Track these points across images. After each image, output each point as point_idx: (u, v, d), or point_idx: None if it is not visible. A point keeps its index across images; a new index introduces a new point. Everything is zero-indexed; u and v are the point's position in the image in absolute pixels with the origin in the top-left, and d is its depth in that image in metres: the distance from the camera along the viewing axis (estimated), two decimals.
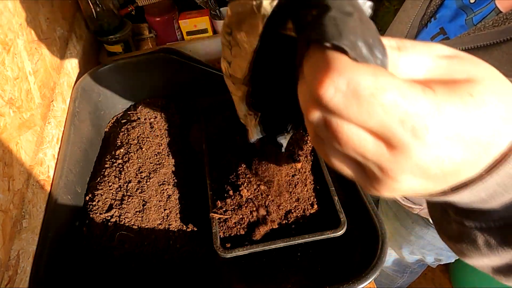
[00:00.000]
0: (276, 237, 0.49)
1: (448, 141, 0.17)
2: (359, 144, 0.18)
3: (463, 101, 0.17)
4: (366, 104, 0.16)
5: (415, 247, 0.78)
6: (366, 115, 0.16)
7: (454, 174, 0.19)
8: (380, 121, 0.17)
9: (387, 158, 0.18)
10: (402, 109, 0.16)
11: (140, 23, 0.97)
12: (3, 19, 0.49)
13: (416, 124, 0.16)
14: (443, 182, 0.20)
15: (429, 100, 0.17)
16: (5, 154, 0.44)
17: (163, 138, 0.68)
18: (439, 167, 0.18)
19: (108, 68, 0.71)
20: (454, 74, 0.18)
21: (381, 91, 0.16)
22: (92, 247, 0.51)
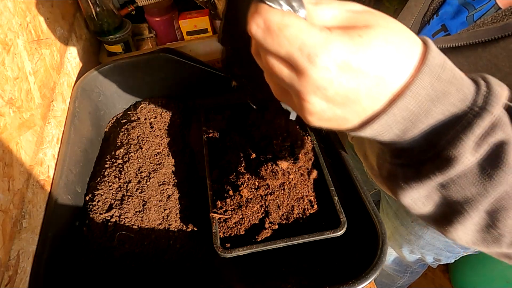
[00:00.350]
0: (276, 237, 0.49)
1: (336, 67, 0.22)
2: (279, 71, 0.24)
3: (351, 38, 0.22)
4: (275, 36, 0.22)
5: (414, 247, 0.78)
6: (277, 45, 0.22)
7: (354, 102, 0.24)
8: (286, 50, 0.22)
9: (296, 81, 0.24)
10: (300, 40, 0.22)
11: (140, 23, 0.97)
12: (3, 19, 0.49)
13: (310, 51, 0.22)
14: (348, 109, 0.25)
15: (322, 35, 0.22)
16: (5, 154, 0.44)
17: (163, 138, 0.68)
18: (335, 90, 0.23)
19: (108, 68, 0.71)
20: (356, 23, 0.23)
21: (285, 27, 0.22)
22: (92, 247, 0.51)
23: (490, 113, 0.24)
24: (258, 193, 0.51)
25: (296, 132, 0.60)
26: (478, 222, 0.28)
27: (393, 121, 0.25)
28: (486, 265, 1.14)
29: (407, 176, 0.27)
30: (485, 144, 0.24)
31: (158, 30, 0.92)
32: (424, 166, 0.26)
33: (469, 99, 0.24)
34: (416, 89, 0.23)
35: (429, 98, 0.24)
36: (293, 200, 0.52)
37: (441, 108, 0.24)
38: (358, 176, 0.55)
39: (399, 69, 0.23)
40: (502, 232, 0.27)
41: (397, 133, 0.26)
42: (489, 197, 0.26)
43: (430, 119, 0.24)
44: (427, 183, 0.26)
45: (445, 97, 0.24)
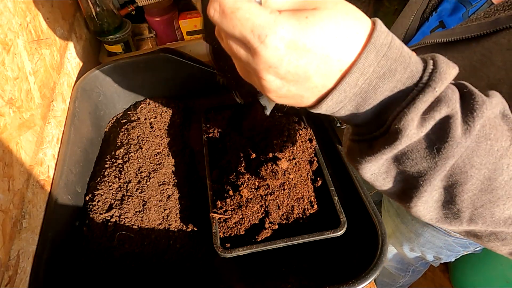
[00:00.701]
0: (276, 237, 0.49)
1: (284, 46, 0.24)
2: (237, 51, 0.26)
3: (298, 19, 0.24)
4: (229, 18, 0.24)
5: (415, 245, 0.78)
6: (232, 27, 0.25)
7: (306, 79, 0.26)
8: (239, 31, 0.24)
9: (252, 60, 0.26)
10: (251, 22, 0.24)
11: (140, 23, 0.97)
12: (3, 19, 0.49)
13: (260, 32, 0.24)
14: (301, 87, 0.27)
15: (271, 17, 0.24)
16: (5, 154, 0.44)
17: (163, 138, 0.68)
18: (285, 68, 0.25)
19: (108, 68, 0.71)
20: (306, 6, 0.25)
21: (237, 9, 0.24)
22: (92, 247, 0.51)
23: (433, 89, 0.25)
24: (258, 193, 0.51)
25: (296, 132, 0.60)
26: (438, 198, 0.29)
27: (344, 97, 0.27)
28: (486, 265, 1.14)
29: (362, 150, 0.29)
30: (431, 119, 0.26)
31: (158, 30, 0.92)
32: (376, 141, 0.28)
33: (416, 76, 0.26)
34: (362, 66, 0.25)
35: (377, 75, 0.25)
36: (293, 200, 0.52)
37: (389, 85, 0.26)
38: (358, 176, 0.55)
39: (345, 47, 0.25)
40: (460, 207, 0.29)
41: (351, 109, 0.28)
42: (440, 171, 0.27)
43: (379, 95, 0.26)
44: (379, 157, 0.28)
45: (392, 74, 0.25)
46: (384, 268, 1.07)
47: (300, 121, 0.63)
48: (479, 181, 0.27)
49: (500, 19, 0.40)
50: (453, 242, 0.71)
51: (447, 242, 0.71)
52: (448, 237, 0.69)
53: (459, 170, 0.27)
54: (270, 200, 0.51)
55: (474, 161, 0.27)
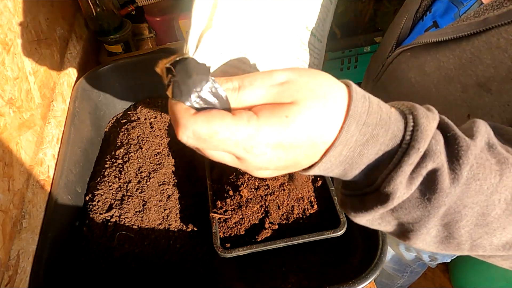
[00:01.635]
0: (276, 237, 0.49)
1: (271, 149, 0.25)
2: (221, 159, 0.27)
3: (279, 121, 0.24)
4: (209, 142, 0.24)
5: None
6: (213, 147, 0.25)
7: (294, 166, 0.27)
8: (223, 148, 0.25)
9: (240, 164, 0.27)
10: (233, 139, 0.24)
11: (140, 23, 0.97)
12: (3, 19, 0.49)
13: (245, 145, 0.24)
14: (291, 170, 0.28)
15: (252, 128, 0.24)
16: (5, 154, 0.44)
17: (163, 138, 0.68)
18: (275, 165, 0.26)
19: (108, 68, 0.71)
20: (282, 98, 0.25)
21: (215, 134, 0.24)
22: (92, 247, 0.51)
23: (416, 150, 0.25)
24: (258, 193, 0.51)
25: None
26: (436, 234, 0.29)
27: (330, 165, 0.27)
28: (486, 265, 1.14)
29: (354, 205, 0.30)
30: (419, 176, 0.26)
31: (158, 30, 0.92)
32: (367, 197, 0.28)
33: (398, 136, 0.26)
34: (345, 138, 0.25)
35: (360, 143, 0.26)
36: (293, 200, 0.52)
37: (373, 149, 0.26)
38: None
39: (328, 129, 0.25)
40: (459, 241, 0.29)
41: (339, 173, 0.28)
42: (434, 217, 0.27)
43: (365, 159, 0.27)
44: (372, 213, 0.28)
45: (375, 139, 0.26)
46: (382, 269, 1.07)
47: None
48: (474, 217, 0.28)
49: (489, 19, 0.41)
50: None
51: None
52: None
53: (453, 211, 0.27)
54: (270, 200, 0.51)
55: (466, 202, 0.27)
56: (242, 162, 0.26)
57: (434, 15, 0.53)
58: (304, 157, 0.26)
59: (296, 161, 0.26)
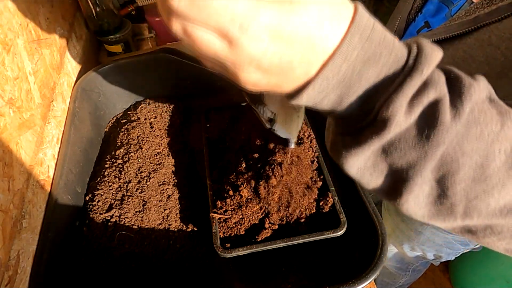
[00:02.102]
0: (276, 237, 0.49)
1: (268, 36, 0.22)
2: (209, 44, 0.23)
3: (280, 6, 0.22)
4: (203, 7, 0.21)
5: (415, 243, 0.78)
6: (206, 15, 0.21)
7: (289, 71, 0.24)
8: (216, 21, 0.21)
9: (231, 52, 0.23)
10: (230, 10, 0.21)
11: (140, 23, 0.96)
12: (3, 19, 0.49)
13: (242, 21, 0.21)
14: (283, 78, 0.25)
15: (252, 3, 0.21)
16: (5, 154, 0.44)
17: (163, 138, 0.68)
18: (269, 61, 0.23)
19: (108, 68, 0.71)
20: None
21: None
22: (92, 247, 0.51)
23: (420, 72, 0.24)
24: (258, 193, 0.51)
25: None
26: (430, 192, 0.28)
27: (327, 85, 0.25)
28: (486, 265, 1.14)
29: (347, 143, 0.28)
30: (419, 104, 0.25)
31: (158, 30, 0.92)
32: (362, 132, 0.26)
33: (401, 60, 0.25)
34: (346, 49, 0.23)
35: (361, 60, 0.24)
36: (293, 200, 0.52)
37: (374, 70, 0.24)
38: None
39: (330, 32, 0.23)
40: (453, 200, 0.27)
41: (334, 99, 0.26)
42: (431, 160, 0.26)
43: (364, 82, 0.25)
44: (366, 148, 0.26)
45: (377, 59, 0.24)
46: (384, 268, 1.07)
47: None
48: (472, 169, 0.26)
49: (479, 17, 0.41)
50: (452, 240, 0.71)
51: (447, 239, 0.71)
52: (448, 235, 0.69)
53: (450, 158, 0.26)
54: (270, 200, 0.51)
55: (465, 148, 0.25)
56: (233, 47, 0.23)
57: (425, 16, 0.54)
58: (300, 62, 0.24)
59: (290, 64, 0.24)
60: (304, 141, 0.59)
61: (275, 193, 0.51)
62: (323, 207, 0.52)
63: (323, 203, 0.52)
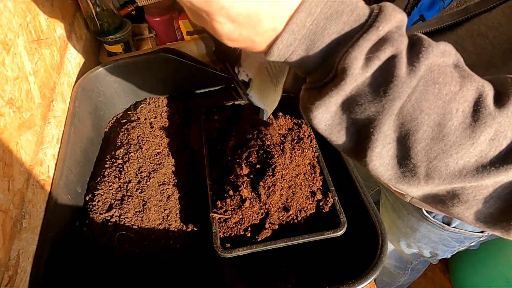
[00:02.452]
0: (276, 237, 0.49)
1: None
2: None
3: None
4: None
5: (411, 240, 0.79)
6: None
7: (257, 23, 0.26)
8: None
9: (204, 4, 0.25)
10: None
11: (140, 23, 0.97)
12: (3, 19, 0.49)
13: None
14: (252, 30, 0.27)
15: None
16: (5, 154, 0.44)
17: (163, 138, 0.68)
18: (237, 10, 0.25)
19: (108, 68, 0.71)
20: None
21: None
22: (92, 247, 0.51)
23: (376, 28, 0.26)
24: (258, 193, 0.51)
25: (296, 132, 0.60)
26: (394, 154, 0.29)
27: (293, 39, 0.27)
28: (486, 265, 1.14)
29: (311, 96, 0.30)
30: (375, 59, 0.26)
31: (158, 30, 0.92)
32: (325, 86, 0.28)
33: (362, 19, 0.27)
34: (309, 5, 0.25)
35: (324, 16, 0.26)
36: (293, 200, 0.52)
37: (336, 27, 0.26)
38: (358, 176, 0.55)
39: None
40: (415, 161, 0.29)
41: (301, 54, 0.28)
42: (388, 115, 0.27)
43: (327, 37, 0.27)
44: (327, 101, 0.28)
45: (339, 16, 0.26)
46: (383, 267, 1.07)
47: (300, 121, 0.63)
48: (430, 128, 0.27)
49: (469, 7, 0.43)
50: (448, 237, 0.71)
51: (442, 236, 0.71)
52: (443, 231, 0.70)
53: (410, 117, 0.27)
54: (270, 200, 0.51)
55: (423, 106, 0.27)
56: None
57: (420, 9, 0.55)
58: (266, 15, 0.26)
59: (258, 16, 0.26)
60: (304, 141, 0.59)
61: (275, 193, 0.51)
62: (323, 207, 0.52)
63: (323, 203, 0.52)
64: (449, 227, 0.67)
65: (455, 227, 0.66)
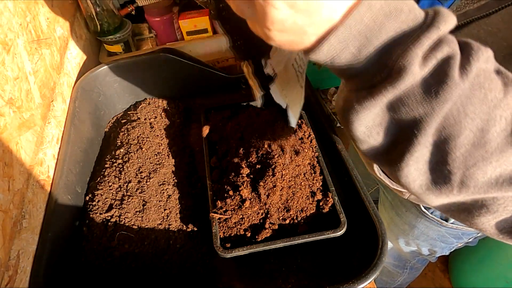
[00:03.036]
0: (276, 237, 0.49)
1: None
2: None
3: None
4: None
5: (409, 238, 0.79)
6: None
7: (315, 11, 0.25)
8: None
9: None
10: None
11: (140, 23, 0.96)
12: (3, 19, 0.49)
13: None
14: (309, 20, 0.26)
15: None
16: (5, 154, 0.44)
17: (163, 138, 0.68)
18: None
19: (108, 68, 0.71)
20: None
21: None
22: (92, 247, 0.51)
23: (437, 28, 0.26)
24: (258, 193, 0.51)
25: (296, 132, 0.60)
26: (429, 159, 0.28)
27: (348, 35, 0.26)
28: (486, 265, 1.14)
29: (360, 97, 0.29)
30: (433, 58, 0.26)
31: (158, 30, 0.92)
32: (377, 85, 0.28)
33: (419, 20, 0.26)
34: (370, 0, 0.25)
35: (383, 13, 0.26)
36: (293, 200, 0.52)
37: (394, 24, 0.26)
38: (358, 176, 0.55)
39: None
40: (451, 167, 0.28)
41: (353, 52, 0.27)
42: (436, 117, 0.27)
43: (384, 35, 0.26)
44: (379, 100, 0.27)
45: (398, 14, 0.26)
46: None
47: (300, 121, 0.63)
48: (472, 133, 0.27)
49: (468, 12, 0.43)
50: (446, 233, 0.71)
51: (440, 233, 0.72)
52: (441, 228, 0.70)
53: (453, 120, 0.27)
54: (270, 200, 0.51)
55: (468, 110, 0.26)
56: None
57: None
58: (327, 5, 0.25)
59: (318, 5, 0.25)
60: (304, 141, 0.59)
61: (275, 193, 0.51)
62: (323, 207, 0.52)
63: (323, 203, 0.52)
64: (447, 223, 0.67)
65: (453, 223, 0.66)
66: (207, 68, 0.76)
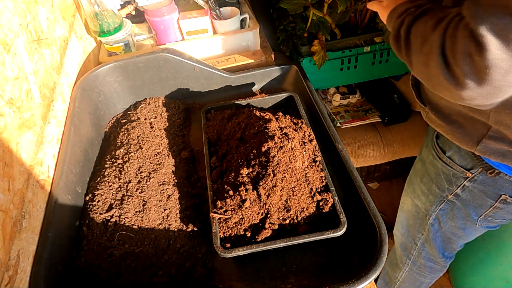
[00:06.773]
0: (276, 237, 0.49)
1: None
2: None
3: None
4: None
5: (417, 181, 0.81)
6: None
7: None
8: None
9: None
10: None
11: (140, 23, 0.96)
12: (3, 19, 0.49)
13: None
14: None
15: None
16: (5, 154, 0.44)
17: (163, 138, 0.68)
18: None
19: (108, 68, 0.71)
20: None
21: None
22: (92, 247, 0.51)
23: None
24: (258, 193, 0.51)
25: (296, 132, 0.60)
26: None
27: None
28: (486, 265, 1.14)
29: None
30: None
31: (158, 30, 0.92)
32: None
33: None
34: None
35: None
36: (293, 200, 0.52)
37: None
38: (358, 176, 0.55)
39: None
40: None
41: None
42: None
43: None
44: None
45: None
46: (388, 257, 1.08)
47: (300, 121, 0.63)
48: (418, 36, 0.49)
49: None
50: (441, 171, 0.74)
51: (437, 170, 0.74)
52: (438, 161, 0.73)
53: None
54: (270, 200, 0.51)
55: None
56: None
57: None
58: None
59: None
60: (304, 141, 0.59)
61: (275, 193, 0.51)
62: (323, 207, 0.52)
63: (323, 203, 0.52)
64: (443, 155, 0.70)
65: (449, 156, 0.69)
66: (207, 68, 0.76)
